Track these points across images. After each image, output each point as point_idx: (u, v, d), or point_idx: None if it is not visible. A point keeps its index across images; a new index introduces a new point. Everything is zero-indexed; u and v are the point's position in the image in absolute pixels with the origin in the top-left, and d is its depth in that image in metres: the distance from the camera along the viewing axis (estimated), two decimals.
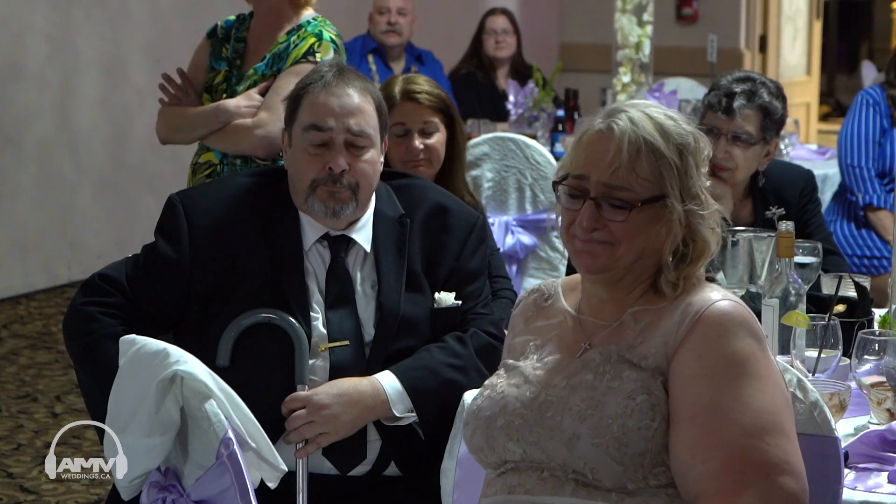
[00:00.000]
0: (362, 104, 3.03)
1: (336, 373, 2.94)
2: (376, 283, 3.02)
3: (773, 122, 4.08)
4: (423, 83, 3.84)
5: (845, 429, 2.74)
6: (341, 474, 2.95)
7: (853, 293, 3.35)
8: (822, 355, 2.97)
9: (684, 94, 7.26)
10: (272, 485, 2.66)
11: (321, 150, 3.00)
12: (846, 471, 2.48)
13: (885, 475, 2.52)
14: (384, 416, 2.93)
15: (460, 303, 3.07)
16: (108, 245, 7.59)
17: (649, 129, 2.30)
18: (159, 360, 2.54)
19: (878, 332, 2.95)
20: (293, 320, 2.92)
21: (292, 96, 3.09)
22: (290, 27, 3.98)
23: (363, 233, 3.06)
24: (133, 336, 2.63)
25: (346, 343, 2.96)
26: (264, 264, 2.98)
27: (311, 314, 2.97)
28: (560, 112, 6.76)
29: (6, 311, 7.04)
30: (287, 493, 2.83)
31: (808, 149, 6.85)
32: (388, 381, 2.93)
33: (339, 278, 3.02)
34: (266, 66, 3.95)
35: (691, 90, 7.52)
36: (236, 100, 3.93)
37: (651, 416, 2.24)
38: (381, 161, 3.07)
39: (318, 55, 3.89)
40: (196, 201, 3.04)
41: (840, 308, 3.26)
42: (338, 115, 3.00)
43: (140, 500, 2.67)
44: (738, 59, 9.67)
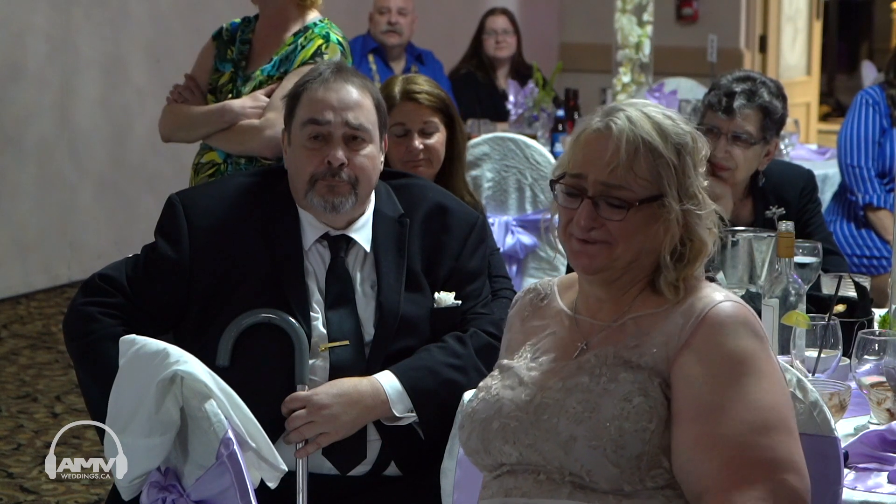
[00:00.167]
0: (361, 99, 3.03)
1: (336, 373, 2.94)
2: (376, 282, 3.02)
3: (773, 121, 4.08)
4: (422, 83, 3.84)
5: (845, 429, 2.74)
6: (341, 474, 2.95)
7: (853, 293, 3.35)
8: (822, 355, 2.97)
9: (684, 94, 7.26)
10: (272, 485, 2.66)
11: (319, 144, 3.00)
12: (846, 471, 2.48)
13: (885, 475, 2.52)
14: (384, 416, 2.93)
15: (460, 303, 3.07)
16: (108, 245, 7.59)
17: (647, 128, 2.30)
18: (159, 360, 2.54)
19: (878, 332, 2.94)
20: (293, 320, 2.92)
21: (291, 94, 3.09)
22: (296, 29, 3.99)
23: (363, 232, 3.05)
24: (133, 336, 2.63)
25: (346, 343, 2.96)
26: (264, 264, 2.98)
27: (311, 314, 2.97)
28: (560, 112, 6.76)
29: (6, 311, 7.04)
30: (287, 493, 2.83)
31: (808, 149, 6.85)
32: (387, 381, 2.93)
33: (339, 278, 3.01)
34: (273, 68, 3.95)
35: (691, 90, 7.52)
36: (242, 100, 3.93)
37: (648, 418, 2.23)
38: (381, 159, 3.06)
39: (325, 56, 3.89)
40: (196, 201, 3.04)
41: (840, 308, 3.26)
42: (336, 108, 3.00)
43: (140, 500, 2.67)
44: (738, 59, 9.66)
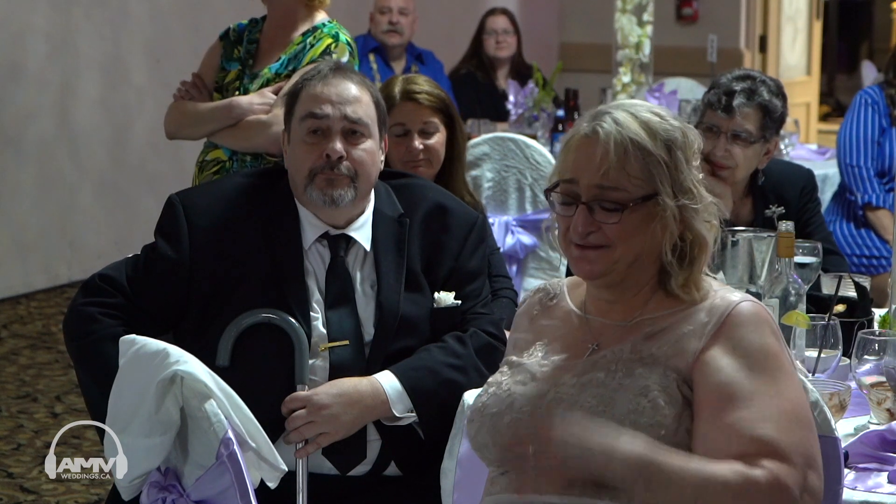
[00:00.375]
0: (360, 94, 3.03)
1: (336, 373, 2.94)
2: (376, 282, 3.02)
3: (772, 120, 4.08)
4: (422, 83, 3.84)
5: (845, 429, 2.74)
6: (341, 474, 2.95)
7: (853, 293, 3.35)
8: (822, 355, 2.97)
9: (684, 94, 7.26)
10: (272, 485, 2.66)
11: (318, 138, 3.00)
12: (846, 471, 2.48)
13: (885, 475, 2.52)
14: (384, 416, 2.93)
15: (460, 302, 3.06)
16: (108, 245, 7.59)
17: (634, 128, 2.30)
18: (159, 360, 2.54)
19: (878, 332, 2.94)
20: (293, 320, 2.92)
21: (290, 92, 3.09)
22: (304, 29, 3.99)
23: (363, 232, 3.05)
24: (133, 336, 2.63)
25: (346, 343, 2.96)
26: (264, 264, 2.98)
27: (311, 314, 2.97)
28: (560, 112, 6.76)
29: (6, 311, 7.03)
30: (287, 493, 2.83)
31: (808, 149, 6.85)
32: (387, 381, 2.93)
33: (339, 277, 3.01)
34: (281, 67, 3.95)
35: (691, 90, 7.52)
36: (249, 97, 3.93)
37: (663, 414, 2.23)
38: (381, 158, 3.06)
39: (334, 55, 3.90)
40: (196, 201, 3.04)
41: (840, 308, 3.26)
42: (334, 102, 3.00)
43: (140, 500, 2.67)
44: (738, 59, 9.66)
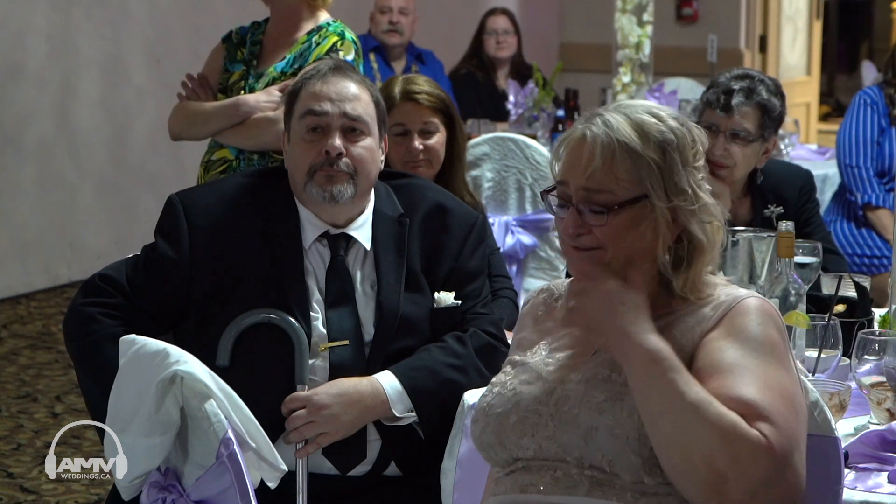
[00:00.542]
0: (359, 92, 3.03)
1: (336, 372, 2.94)
2: (376, 282, 3.02)
3: (771, 119, 4.08)
4: (422, 83, 3.84)
5: (845, 429, 2.74)
6: (341, 474, 2.95)
7: (853, 293, 3.35)
8: (822, 355, 2.97)
9: (684, 94, 7.26)
10: (272, 485, 2.66)
11: (318, 136, 3.00)
12: (846, 471, 2.48)
13: (885, 475, 2.52)
14: (384, 416, 2.93)
15: (460, 302, 3.06)
16: (108, 245, 7.59)
17: (625, 130, 2.28)
18: (159, 360, 2.53)
19: (878, 332, 2.94)
20: (293, 320, 2.91)
21: (290, 91, 3.09)
22: (309, 28, 4.00)
23: (363, 231, 3.05)
24: (133, 336, 2.63)
25: (346, 343, 2.96)
26: (264, 264, 2.98)
27: (311, 314, 2.97)
28: (560, 112, 6.77)
29: (6, 311, 7.04)
30: (287, 493, 2.83)
31: (808, 149, 6.85)
32: (387, 381, 2.93)
33: (339, 276, 3.01)
34: (287, 65, 3.96)
35: (691, 90, 7.52)
36: (256, 95, 3.94)
37: None
38: (381, 157, 3.07)
39: (340, 53, 3.90)
40: (196, 201, 3.04)
41: (840, 308, 3.26)
42: (334, 100, 3.00)
43: (140, 500, 2.66)
44: (738, 59, 9.66)
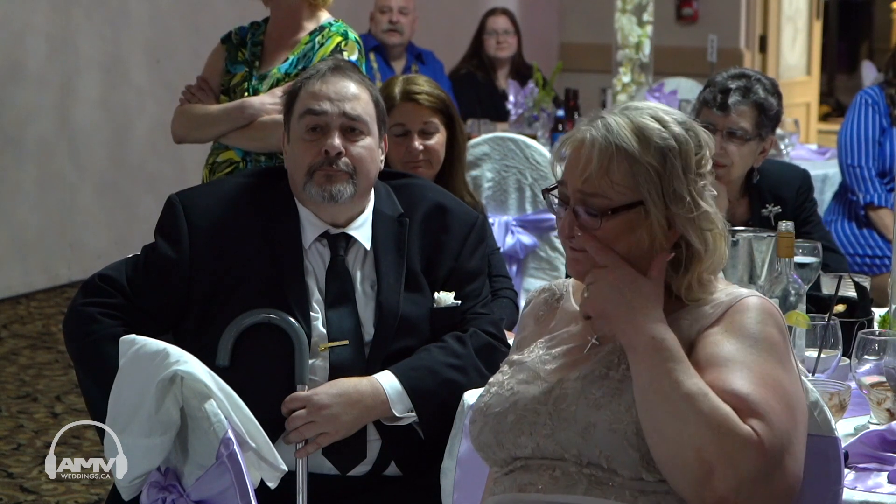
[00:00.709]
0: (358, 92, 3.03)
1: (336, 372, 2.94)
2: (376, 282, 3.02)
3: (768, 118, 4.08)
4: (422, 84, 3.83)
5: (845, 429, 2.74)
6: (341, 474, 2.95)
7: (853, 293, 3.35)
8: (822, 355, 2.97)
9: (684, 94, 7.25)
10: (272, 485, 2.66)
11: (317, 135, 3.00)
12: (846, 471, 2.48)
13: (885, 475, 2.52)
14: (384, 416, 2.93)
15: (460, 302, 3.06)
16: (108, 245, 7.59)
17: (626, 134, 2.26)
18: (159, 360, 2.53)
19: (878, 332, 2.94)
20: (293, 320, 2.91)
21: (290, 91, 3.09)
22: (311, 28, 4.00)
23: (363, 231, 3.05)
24: (133, 336, 2.63)
25: (346, 343, 2.96)
26: (264, 264, 2.98)
27: (311, 314, 2.97)
28: (560, 112, 6.76)
29: (6, 311, 7.03)
30: (287, 493, 2.83)
31: (808, 149, 6.85)
32: (387, 381, 2.93)
33: (339, 276, 3.01)
34: (291, 66, 3.96)
35: (691, 90, 7.50)
36: (261, 97, 3.94)
37: None
38: (381, 157, 3.06)
39: (344, 53, 3.90)
40: (196, 201, 3.04)
41: (840, 308, 3.26)
42: (333, 99, 3.00)
43: (140, 500, 2.66)
44: (738, 59, 9.65)
